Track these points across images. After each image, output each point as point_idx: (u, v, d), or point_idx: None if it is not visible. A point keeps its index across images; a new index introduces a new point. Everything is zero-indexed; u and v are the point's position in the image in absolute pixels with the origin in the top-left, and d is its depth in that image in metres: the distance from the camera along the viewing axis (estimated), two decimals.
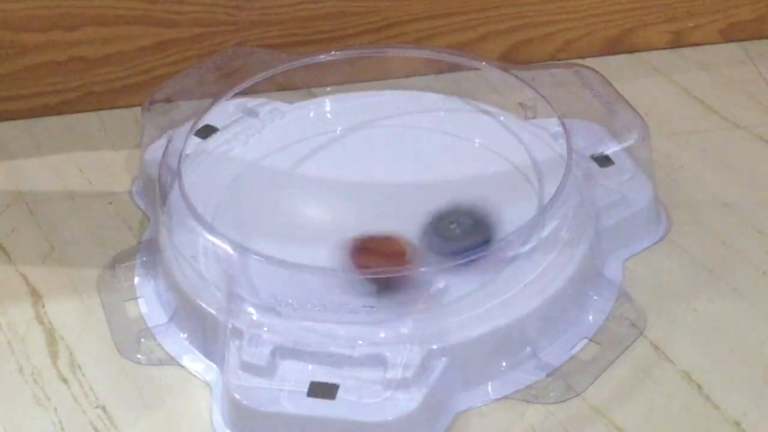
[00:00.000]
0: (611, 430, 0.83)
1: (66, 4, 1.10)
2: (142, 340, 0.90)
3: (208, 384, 0.87)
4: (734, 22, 1.18)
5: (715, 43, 1.19)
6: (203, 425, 0.85)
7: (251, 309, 0.85)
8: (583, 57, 1.17)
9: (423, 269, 0.87)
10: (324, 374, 0.83)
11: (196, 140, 1.01)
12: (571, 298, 0.89)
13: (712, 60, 1.17)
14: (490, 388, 0.85)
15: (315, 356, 0.83)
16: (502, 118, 1.03)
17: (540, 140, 1.00)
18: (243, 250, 0.88)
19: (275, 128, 1.04)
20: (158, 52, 1.13)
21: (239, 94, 1.02)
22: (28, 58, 1.12)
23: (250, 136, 1.03)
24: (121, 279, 0.96)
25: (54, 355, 0.91)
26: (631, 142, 0.98)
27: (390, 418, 0.80)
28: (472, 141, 1.02)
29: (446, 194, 0.95)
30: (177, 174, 0.93)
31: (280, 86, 1.07)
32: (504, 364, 0.86)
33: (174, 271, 0.91)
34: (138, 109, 1.09)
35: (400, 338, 0.83)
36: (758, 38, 1.19)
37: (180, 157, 0.95)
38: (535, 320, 0.86)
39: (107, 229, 1.01)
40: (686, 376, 0.86)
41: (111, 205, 1.04)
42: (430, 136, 1.03)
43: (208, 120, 1.02)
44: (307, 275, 0.86)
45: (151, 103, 1.04)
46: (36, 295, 0.96)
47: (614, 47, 1.18)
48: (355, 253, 0.89)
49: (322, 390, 0.82)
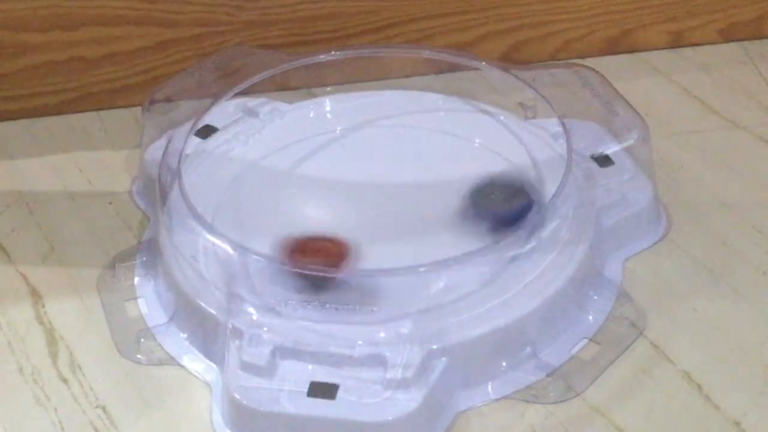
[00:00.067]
0: (611, 430, 0.83)
1: (66, 4, 1.10)
2: (142, 340, 0.90)
3: (208, 384, 0.87)
4: (734, 22, 1.18)
5: (714, 43, 1.19)
6: (203, 425, 0.85)
7: (251, 309, 0.85)
8: (583, 57, 1.17)
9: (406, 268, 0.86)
10: (324, 374, 0.83)
11: (196, 140, 1.01)
12: (571, 298, 0.89)
13: (712, 60, 1.17)
14: (490, 388, 0.85)
15: (315, 356, 0.83)
16: (502, 118, 1.03)
17: (540, 140, 1.00)
18: (243, 250, 0.88)
19: (275, 128, 1.04)
20: (158, 52, 1.13)
21: (239, 94, 1.02)
22: (28, 58, 1.12)
23: (250, 136, 1.03)
24: (121, 279, 0.96)
25: (54, 355, 0.91)
26: (631, 142, 0.98)
27: (390, 418, 0.80)
28: (472, 141, 1.01)
29: (446, 194, 0.95)
30: (177, 174, 0.93)
31: (280, 86, 1.07)
32: (504, 364, 0.86)
33: (174, 271, 0.91)
34: (138, 109, 1.09)
35: (400, 338, 0.83)
36: (758, 38, 1.19)
37: (180, 157, 0.95)
38: (535, 320, 0.86)
39: (107, 229, 1.01)
40: (686, 376, 0.86)
41: (111, 205, 1.04)
42: (430, 136, 1.02)
43: (208, 120, 1.02)
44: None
45: (151, 103, 1.04)
46: (36, 295, 0.96)
47: (614, 47, 1.18)
48: (291, 251, 0.88)
49: (322, 390, 0.82)
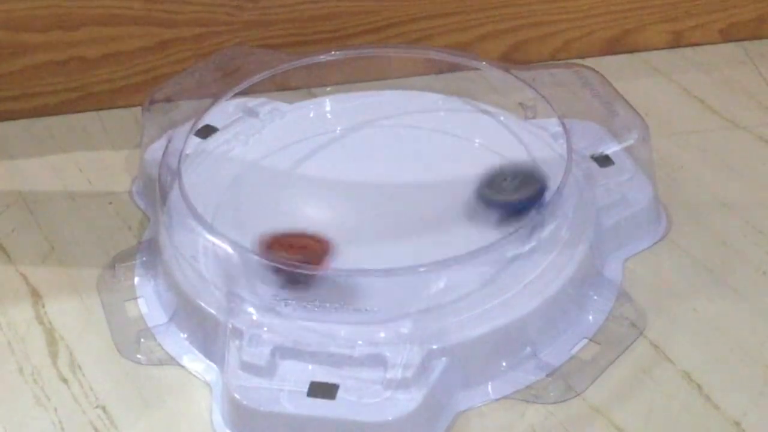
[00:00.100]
0: (611, 430, 0.83)
1: (66, 4, 1.10)
2: (142, 340, 0.90)
3: (208, 384, 0.87)
4: (734, 22, 1.18)
5: (714, 43, 1.19)
6: (203, 425, 0.85)
7: (251, 309, 0.85)
8: (583, 57, 1.17)
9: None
10: (324, 374, 0.83)
11: (196, 140, 1.01)
12: (571, 298, 0.89)
13: (712, 60, 1.17)
14: (490, 388, 0.85)
15: (315, 356, 0.83)
16: (502, 118, 1.03)
17: (540, 140, 1.00)
18: (243, 250, 0.88)
19: (275, 128, 1.04)
20: (158, 52, 1.13)
21: (239, 94, 1.02)
22: (28, 58, 1.12)
23: (250, 136, 1.03)
24: (121, 279, 0.96)
25: (54, 355, 0.91)
26: (631, 142, 0.98)
27: (390, 418, 0.80)
28: (472, 141, 1.01)
29: (446, 194, 0.95)
30: (177, 174, 0.93)
31: (280, 86, 1.07)
32: (504, 364, 0.86)
33: (174, 271, 0.91)
34: (138, 109, 1.09)
35: (400, 338, 0.83)
36: (758, 38, 1.19)
37: (180, 157, 0.95)
38: (535, 320, 0.86)
39: (107, 229, 1.01)
40: (686, 376, 0.86)
41: (111, 205, 1.04)
42: (430, 136, 1.02)
43: (208, 120, 1.02)
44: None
45: (151, 103, 1.04)
46: (36, 295, 0.96)
47: (614, 47, 1.18)
48: (268, 247, 0.88)
49: (322, 390, 0.82)
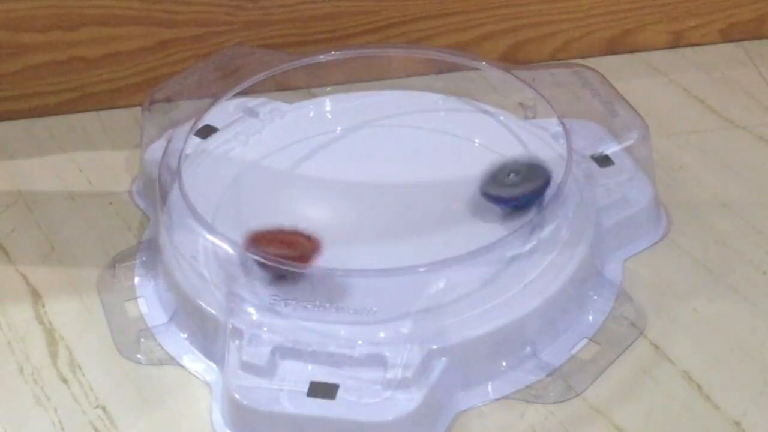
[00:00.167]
0: (611, 430, 0.83)
1: (66, 4, 1.10)
2: (142, 340, 0.90)
3: (208, 384, 0.87)
4: (734, 22, 1.18)
5: (714, 43, 1.19)
6: (203, 425, 0.85)
7: (251, 309, 0.85)
8: (583, 57, 1.17)
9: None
10: (324, 374, 0.83)
11: (196, 140, 1.01)
12: (571, 298, 0.89)
13: (712, 60, 1.17)
14: (490, 388, 0.85)
15: (315, 356, 0.83)
16: (502, 118, 1.03)
17: (540, 140, 1.00)
18: (241, 249, 0.88)
19: (275, 128, 1.04)
20: (158, 52, 1.13)
21: (239, 94, 1.02)
22: (28, 58, 1.12)
23: (250, 136, 1.03)
24: (121, 279, 0.96)
25: (54, 355, 0.91)
26: (631, 142, 0.98)
27: (390, 418, 0.80)
28: (472, 141, 1.01)
29: (446, 194, 0.95)
30: (177, 174, 0.93)
31: (280, 86, 1.07)
32: (504, 363, 0.86)
33: (174, 271, 0.91)
34: (138, 109, 1.09)
35: (400, 338, 0.83)
36: (758, 38, 1.19)
37: (180, 157, 0.95)
38: (535, 320, 0.86)
39: (107, 229, 1.01)
40: (686, 376, 0.86)
41: (111, 205, 1.04)
42: (430, 136, 1.02)
43: (208, 120, 1.02)
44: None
45: (151, 103, 1.04)
46: (36, 295, 0.96)
47: (614, 47, 1.18)
48: (253, 241, 0.88)
49: (322, 390, 0.82)
